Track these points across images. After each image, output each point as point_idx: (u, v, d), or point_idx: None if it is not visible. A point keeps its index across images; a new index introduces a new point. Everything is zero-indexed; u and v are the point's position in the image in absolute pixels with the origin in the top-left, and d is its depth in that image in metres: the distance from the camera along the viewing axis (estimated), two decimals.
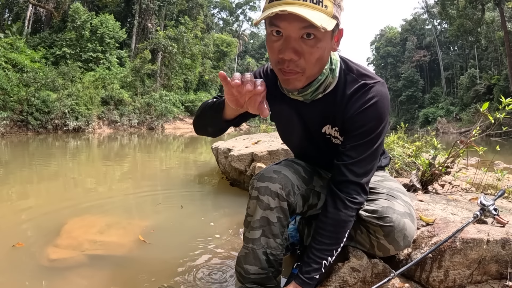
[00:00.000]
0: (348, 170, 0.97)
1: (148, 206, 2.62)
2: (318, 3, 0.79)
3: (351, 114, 0.96)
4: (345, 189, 0.98)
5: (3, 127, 12.51)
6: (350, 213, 0.98)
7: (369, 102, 0.94)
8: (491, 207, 1.16)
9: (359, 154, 0.97)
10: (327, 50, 0.87)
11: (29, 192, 3.10)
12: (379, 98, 0.94)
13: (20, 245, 1.71)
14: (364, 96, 0.95)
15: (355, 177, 0.97)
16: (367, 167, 0.98)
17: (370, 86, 0.96)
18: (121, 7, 27.47)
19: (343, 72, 0.99)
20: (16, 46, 16.71)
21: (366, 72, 0.99)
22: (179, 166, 5.37)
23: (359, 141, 0.96)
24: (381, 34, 54.12)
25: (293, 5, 0.77)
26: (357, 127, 0.96)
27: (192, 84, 30.69)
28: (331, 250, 0.98)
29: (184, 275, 1.41)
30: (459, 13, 25.56)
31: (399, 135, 3.29)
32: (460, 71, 38.74)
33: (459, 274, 1.04)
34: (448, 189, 2.06)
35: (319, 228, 1.00)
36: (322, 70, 0.92)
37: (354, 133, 0.97)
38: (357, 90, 0.96)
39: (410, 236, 1.02)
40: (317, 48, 0.83)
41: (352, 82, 0.98)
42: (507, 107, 1.73)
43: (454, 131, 24.93)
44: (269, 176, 1.06)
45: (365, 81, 0.97)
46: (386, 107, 0.96)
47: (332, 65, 0.96)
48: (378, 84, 0.96)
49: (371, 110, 0.94)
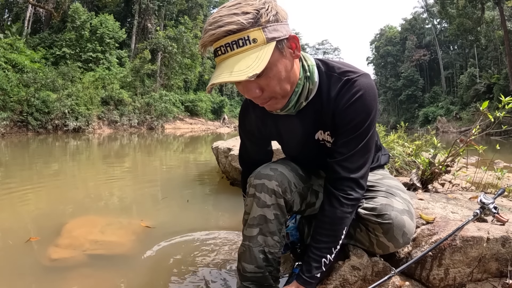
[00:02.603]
0: (341, 166, 0.97)
1: (148, 205, 2.62)
2: (245, 43, 0.78)
3: (338, 111, 0.96)
4: (339, 186, 0.98)
5: (3, 127, 12.52)
6: (346, 209, 0.97)
7: (355, 96, 0.93)
8: (491, 206, 1.16)
9: (350, 149, 0.96)
10: (286, 67, 0.86)
11: (29, 192, 3.10)
12: (364, 91, 0.94)
13: (35, 239, 1.78)
14: (349, 91, 0.94)
15: (348, 173, 0.97)
16: (360, 161, 0.98)
17: (353, 80, 0.95)
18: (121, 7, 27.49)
19: (325, 74, 0.99)
20: (15, 46, 16.72)
21: (348, 68, 0.98)
22: (180, 166, 5.38)
23: (349, 136, 0.96)
24: (381, 33, 54.08)
25: (224, 63, 0.80)
26: (346, 122, 0.96)
27: (192, 84, 30.73)
28: (329, 248, 0.98)
29: (185, 274, 1.42)
30: (458, 12, 25.54)
31: (399, 134, 3.29)
32: (460, 70, 38.73)
33: (459, 272, 1.04)
34: (448, 187, 2.06)
35: (317, 226, 1.01)
36: (294, 84, 0.92)
37: (344, 129, 0.97)
38: (342, 87, 0.96)
39: (409, 233, 1.02)
40: (270, 77, 0.84)
41: (336, 82, 0.97)
42: (507, 106, 1.73)
43: (454, 130, 24.93)
44: (265, 173, 1.06)
45: (348, 77, 0.96)
46: (373, 98, 0.95)
47: (307, 73, 0.95)
48: (361, 77, 0.95)
49: (358, 103, 0.94)
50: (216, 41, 0.80)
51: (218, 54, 0.82)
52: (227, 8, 0.80)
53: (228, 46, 0.79)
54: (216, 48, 0.81)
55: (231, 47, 0.79)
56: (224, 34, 0.78)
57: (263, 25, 0.79)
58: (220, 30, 0.78)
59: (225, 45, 0.79)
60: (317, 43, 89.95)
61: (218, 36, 0.79)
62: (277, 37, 0.81)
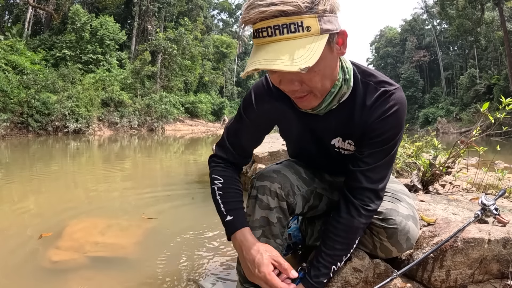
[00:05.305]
0: (364, 176, 0.95)
1: (149, 207, 2.62)
2: (298, 29, 0.70)
3: (371, 122, 0.92)
4: (359, 196, 0.96)
5: (3, 129, 12.52)
6: (363, 220, 0.96)
7: (391, 110, 0.91)
8: (492, 207, 1.16)
9: (376, 160, 0.94)
10: (330, 64, 0.81)
11: (30, 194, 3.10)
12: (400, 106, 0.91)
13: (47, 234, 1.85)
14: (385, 104, 0.91)
15: (371, 184, 0.95)
16: (383, 173, 0.96)
17: (390, 93, 0.91)
18: (121, 9, 27.56)
19: (360, 80, 0.94)
20: (16, 48, 16.76)
21: (384, 78, 0.95)
22: (180, 167, 5.38)
23: (377, 148, 0.94)
24: (381, 34, 54.20)
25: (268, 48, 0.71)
26: (377, 135, 0.93)
27: (192, 85, 30.75)
28: (340, 256, 0.97)
29: (185, 276, 1.42)
30: (458, 13, 25.58)
31: None
32: (460, 71, 38.79)
33: (461, 274, 1.04)
34: (449, 189, 2.06)
35: (331, 232, 0.98)
36: (334, 82, 0.87)
37: (373, 141, 0.94)
38: (378, 98, 0.92)
39: (413, 238, 1.02)
40: (316, 72, 0.77)
41: (372, 91, 0.93)
42: (507, 107, 1.73)
43: (454, 131, 24.93)
44: (268, 175, 1.05)
45: (385, 88, 0.92)
46: (405, 114, 0.94)
47: (345, 75, 0.90)
48: (397, 90, 0.92)
49: (392, 118, 0.91)
50: (263, 20, 0.70)
51: (261, 36, 0.72)
52: None
53: (278, 29, 0.70)
54: (259, 28, 0.71)
55: (280, 30, 0.70)
56: (277, 13, 0.69)
57: (319, 13, 0.71)
58: (273, 8, 0.69)
59: (274, 27, 0.70)
60: None
61: (268, 15, 0.69)
62: (331, 29, 0.74)
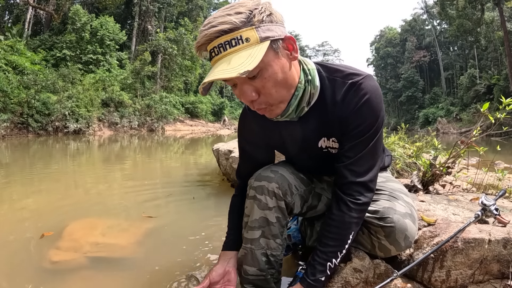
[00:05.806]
0: (348, 170, 0.95)
1: (149, 207, 2.61)
2: (238, 42, 0.77)
3: (345, 116, 0.94)
4: (347, 191, 0.96)
5: (4, 129, 12.52)
6: (355, 214, 0.96)
7: (362, 100, 0.91)
8: (492, 207, 1.16)
9: (357, 152, 0.94)
10: (280, 69, 0.83)
11: (30, 194, 3.10)
12: (371, 94, 0.91)
13: (49, 233, 1.84)
14: (355, 96, 0.92)
15: (356, 177, 0.95)
16: (368, 164, 0.96)
17: (358, 83, 0.92)
18: (121, 9, 27.58)
19: (326, 79, 0.96)
20: (16, 48, 16.77)
21: (350, 70, 0.96)
22: (180, 167, 5.38)
23: (356, 140, 0.94)
24: (381, 34, 54.17)
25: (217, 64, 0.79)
26: (354, 127, 0.93)
27: (192, 85, 30.77)
28: (335, 252, 0.97)
29: (185, 276, 1.41)
30: (458, 13, 25.57)
31: (400, 135, 3.29)
32: (460, 71, 38.79)
33: (461, 274, 1.04)
34: (449, 189, 2.06)
35: (324, 230, 1.00)
36: (292, 88, 0.89)
37: (351, 133, 0.94)
38: (347, 91, 0.93)
39: (411, 236, 1.02)
40: (266, 78, 0.82)
41: (340, 86, 0.94)
42: (507, 107, 1.73)
43: (455, 131, 24.93)
44: (266, 175, 1.05)
45: (352, 80, 0.93)
46: (379, 100, 0.93)
47: (308, 76, 0.92)
48: (365, 79, 0.92)
49: (365, 107, 0.91)
50: (210, 43, 0.80)
51: (212, 56, 0.81)
52: (221, 11, 0.81)
53: (221, 47, 0.78)
54: (210, 50, 0.81)
55: (224, 47, 0.78)
56: (217, 34, 0.78)
57: (256, 24, 0.78)
58: (213, 30, 0.78)
59: (218, 46, 0.78)
60: (317, 45, 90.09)
61: (211, 37, 0.78)
62: (271, 36, 0.80)
